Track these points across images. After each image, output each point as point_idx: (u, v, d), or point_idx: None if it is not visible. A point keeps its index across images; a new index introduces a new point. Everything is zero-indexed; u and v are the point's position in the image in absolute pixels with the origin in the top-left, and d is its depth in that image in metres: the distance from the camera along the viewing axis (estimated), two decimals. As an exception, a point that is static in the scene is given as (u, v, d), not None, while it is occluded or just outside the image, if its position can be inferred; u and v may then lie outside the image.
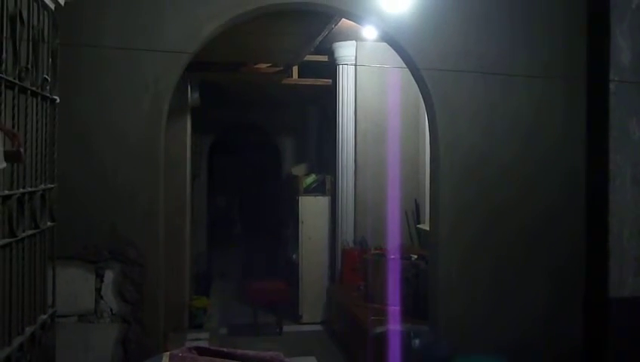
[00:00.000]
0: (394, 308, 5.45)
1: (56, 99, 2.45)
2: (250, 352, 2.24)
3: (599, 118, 3.58)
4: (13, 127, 1.95)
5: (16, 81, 1.99)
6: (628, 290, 3.54)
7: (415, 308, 5.17)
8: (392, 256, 5.76)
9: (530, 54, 3.58)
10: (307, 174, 8.41)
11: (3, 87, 1.87)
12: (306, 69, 7.91)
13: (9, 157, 1.68)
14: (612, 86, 3.52)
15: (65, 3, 2.57)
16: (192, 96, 6.96)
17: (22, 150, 1.78)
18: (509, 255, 3.59)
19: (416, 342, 3.52)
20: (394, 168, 6.92)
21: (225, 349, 2.20)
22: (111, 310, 3.17)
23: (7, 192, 1.90)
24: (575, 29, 3.63)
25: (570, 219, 3.65)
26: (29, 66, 2.13)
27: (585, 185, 3.66)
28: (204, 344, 4.07)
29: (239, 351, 2.21)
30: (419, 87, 3.67)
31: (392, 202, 6.93)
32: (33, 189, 2.17)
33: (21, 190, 2.03)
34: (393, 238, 6.59)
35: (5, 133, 1.69)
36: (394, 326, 5.13)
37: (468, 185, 3.54)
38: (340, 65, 7.31)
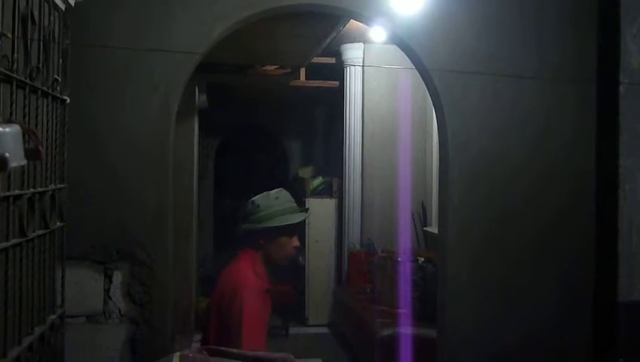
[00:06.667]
0: (401, 310, 5.46)
1: (66, 100, 2.46)
2: (261, 353, 2.24)
3: (609, 122, 3.56)
4: (24, 126, 1.95)
5: (28, 81, 2.00)
6: (637, 294, 3.52)
7: (422, 310, 5.18)
8: (399, 259, 5.76)
9: (541, 57, 3.56)
10: (314, 176, 8.42)
11: (14, 86, 1.87)
12: (314, 71, 7.92)
13: (29, 154, 1.70)
14: (622, 89, 3.50)
15: (75, 3, 2.57)
16: (200, 97, 6.98)
17: (41, 148, 1.79)
18: (518, 258, 3.57)
19: None
20: (401, 170, 6.92)
21: (235, 350, 2.19)
22: (119, 311, 3.17)
23: (17, 192, 1.91)
24: (586, 32, 3.62)
25: (580, 223, 3.63)
26: (40, 66, 2.13)
27: (595, 189, 3.64)
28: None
29: (250, 352, 2.21)
30: (428, 89, 3.66)
31: (399, 204, 6.94)
32: (43, 189, 2.17)
33: (31, 190, 2.04)
34: (400, 241, 6.59)
35: (25, 132, 1.71)
36: (401, 328, 5.14)
37: (477, 188, 3.53)
38: (348, 68, 7.31)
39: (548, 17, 3.59)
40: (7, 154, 1.54)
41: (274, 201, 2.97)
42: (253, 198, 3.03)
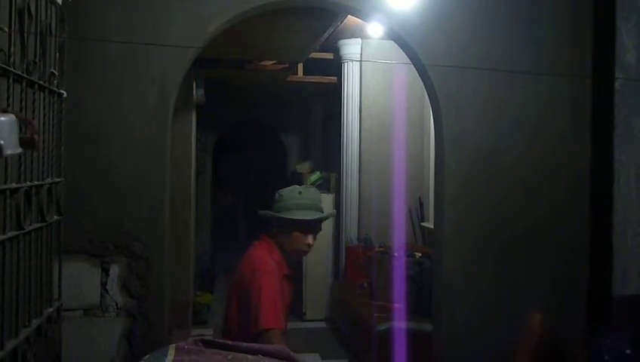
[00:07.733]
0: (398, 305, 5.47)
1: (63, 94, 2.47)
2: (256, 345, 2.25)
3: (604, 117, 3.58)
4: (21, 120, 1.96)
5: (24, 75, 2.01)
6: (631, 289, 3.54)
7: (419, 305, 5.19)
8: (396, 254, 5.77)
9: (536, 52, 3.58)
10: (312, 172, 8.43)
11: (11, 80, 1.88)
12: (312, 67, 7.91)
13: (24, 143, 1.72)
14: (617, 84, 3.51)
15: (72, -2, 2.58)
16: (197, 93, 6.96)
17: (36, 137, 1.81)
18: (513, 253, 3.59)
19: None
20: (398, 166, 6.92)
21: (230, 342, 2.21)
22: (116, 304, 3.19)
23: (14, 185, 1.92)
24: (581, 27, 3.63)
25: (575, 217, 3.65)
26: (37, 60, 2.14)
27: (590, 184, 3.65)
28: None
29: (244, 344, 2.22)
30: (424, 83, 3.67)
31: (396, 200, 6.94)
32: (40, 183, 2.18)
33: (28, 183, 2.05)
34: (397, 236, 6.60)
35: (21, 121, 1.72)
36: (398, 323, 5.16)
37: (473, 183, 3.54)
38: (345, 63, 7.30)
39: (544, 12, 3.60)
40: (2, 142, 1.56)
41: (296, 195, 2.98)
42: (281, 189, 3.07)
